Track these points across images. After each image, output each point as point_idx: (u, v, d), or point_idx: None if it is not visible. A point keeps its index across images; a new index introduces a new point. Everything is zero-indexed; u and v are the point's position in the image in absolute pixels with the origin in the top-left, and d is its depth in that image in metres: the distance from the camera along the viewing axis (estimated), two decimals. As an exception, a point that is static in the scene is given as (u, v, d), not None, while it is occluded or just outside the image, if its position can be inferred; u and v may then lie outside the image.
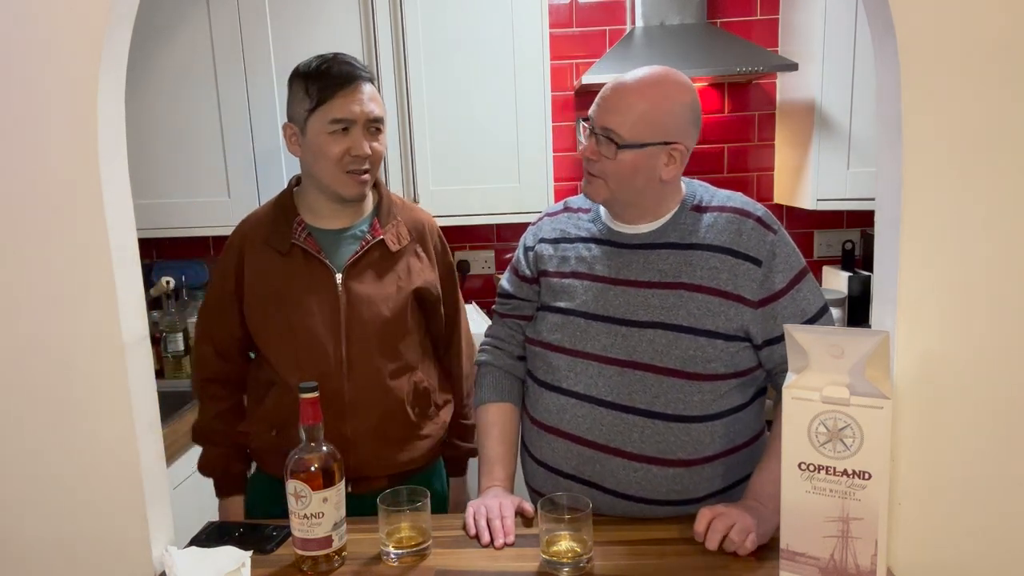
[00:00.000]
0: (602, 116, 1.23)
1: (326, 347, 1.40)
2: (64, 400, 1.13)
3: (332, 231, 1.45)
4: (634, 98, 1.22)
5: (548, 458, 1.32)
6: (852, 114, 2.26)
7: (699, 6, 2.44)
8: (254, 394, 1.50)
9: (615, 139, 1.21)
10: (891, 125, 1.05)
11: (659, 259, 1.27)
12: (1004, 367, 1.04)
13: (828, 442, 1.00)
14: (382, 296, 1.43)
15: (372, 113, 1.39)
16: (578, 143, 1.31)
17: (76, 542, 1.16)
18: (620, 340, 1.25)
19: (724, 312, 1.22)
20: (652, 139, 1.22)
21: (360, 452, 1.41)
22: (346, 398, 1.40)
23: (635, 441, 1.24)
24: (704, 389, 1.23)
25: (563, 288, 1.33)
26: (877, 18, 1.05)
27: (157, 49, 2.33)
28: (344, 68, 1.38)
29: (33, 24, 1.05)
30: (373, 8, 2.30)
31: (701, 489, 1.26)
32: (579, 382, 1.28)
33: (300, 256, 1.42)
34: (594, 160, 1.24)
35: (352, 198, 1.43)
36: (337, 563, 1.16)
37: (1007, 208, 1.01)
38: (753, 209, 1.27)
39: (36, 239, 1.09)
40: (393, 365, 1.44)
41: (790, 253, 1.25)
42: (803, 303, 1.24)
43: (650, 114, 1.21)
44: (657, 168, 1.24)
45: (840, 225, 2.70)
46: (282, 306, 1.41)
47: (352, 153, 1.37)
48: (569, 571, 1.10)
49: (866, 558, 1.00)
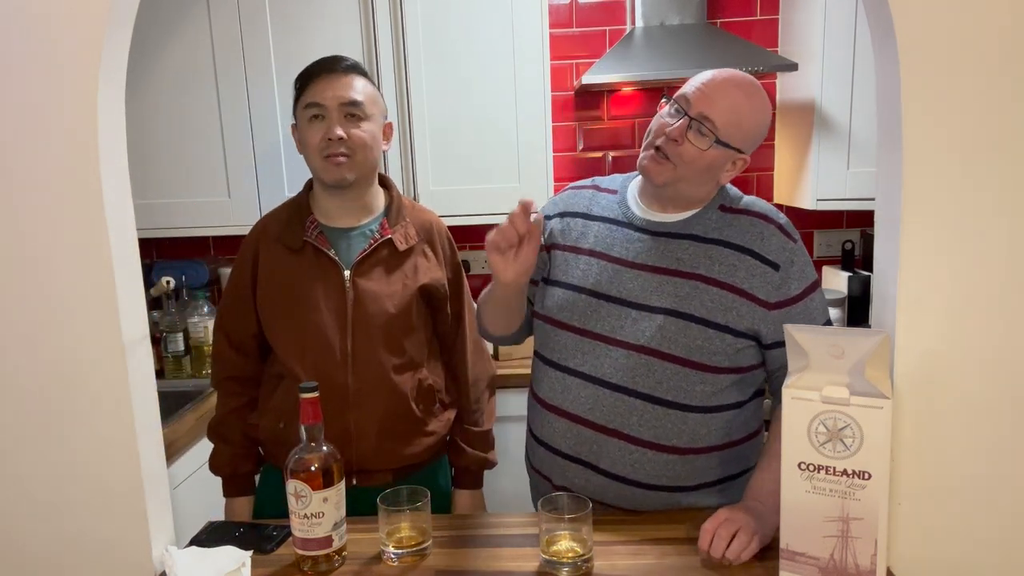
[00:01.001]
0: (705, 104, 1.21)
1: (332, 340, 1.42)
2: (64, 400, 1.13)
3: (342, 229, 1.48)
4: (742, 99, 1.22)
5: (548, 437, 1.33)
6: (852, 114, 2.26)
7: (699, 6, 2.44)
8: (266, 387, 1.52)
9: (712, 132, 1.20)
10: (891, 125, 1.05)
11: (679, 248, 1.27)
12: (1004, 367, 1.04)
13: (828, 442, 1.00)
14: (388, 293, 1.45)
15: (345, 97, 1.40)
16: (656, 116, 1.27)
17: (76, 542, 1.16)
18: (630, 323, 1.26)
19: (736, 309, 1.23)
20: (738, 144, 1.23)
21: (363, 445, 1.43)
22: (350, 390, 1.42)
23: (634, 424, 1.25)
24: (706, 380, 1.24)
25: (577, 265, 1.33)
26: (877, 18, 1.05)
27: (157, 49, 2.33)
28: (326, 60, 1.43)
29: (33, 24, 1.05)
30: (373, 8, 2.30)
31: (693, 478, 1.27)
32: (585, 362, 1.28)
33: (311, 253, 1.45)
34: (677, 143, 1.22)
35: (332, 183, 1.44)
36: (337, 563, 1.16)
37: (1007, 208, 1.01)
38: (776, 216, 1.29)
39: (36, 239, 1.09)
40: (397, 360, 1.46)
41: (806, 264, 1.27)
42: (814, 312, 1.26)
43: (748, 120, 1.22)
44: (722, 172, 1.26)
45: (840, 225, 2.70)
46: (291, 300, 1.44)
47: (327, 137, 1.40)
48: (569, 571, 1.10)
49: (866, 558, 1.00)
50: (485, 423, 1.63)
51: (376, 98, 1.47)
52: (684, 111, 1.22)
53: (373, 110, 1.44)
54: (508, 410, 2.25)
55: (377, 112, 1.46)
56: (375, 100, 1.46)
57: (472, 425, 1.61)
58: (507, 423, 2.24)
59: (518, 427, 2.18)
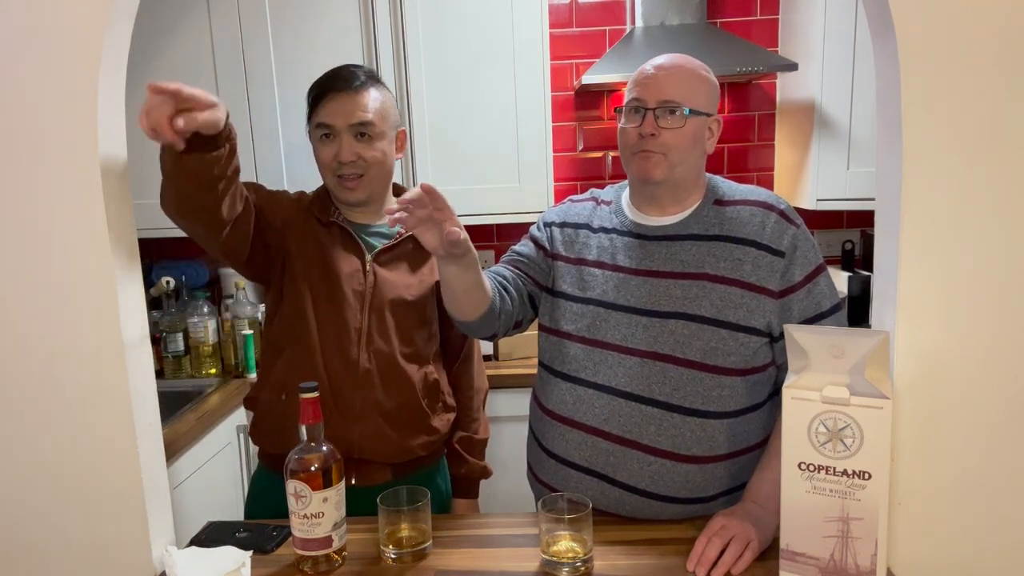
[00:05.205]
0: (658, 91, 1.25)
1: (349, 317, 1.44)
2: (64, 400, 1.13)
3: (361, 224, 1.51)
4: (684, 72, 1.26)
5: (560, 449, 1.32)
6: (852, 114, 2.27)
7: (699, 6, 2.44)
8: (266, 359, 1.52)
9: (678, 109, 1.24)
10: (891, 125, 1.05)
11: (682, 250, 1.27)
12: (1004, 367, 1.04)
13: (828, 442, 1.00)
14: (405, 283, 1.48)
15: (355, 119, 1.40)
16: (620, 132, 1.31)
17: (76, 542, 1.16)
18: (641, 330, 1.25)
19: (746, 304, 1.22)
20: (706, 109, 1.27)
21: (367, 426, 1.42)
22: (360, 368, 1.43)
23: (651, 434, 1.23)
24: (723, 384, 1.22)
25: (582, 276, 1.33)
26: (877, 18, 1.05)
27: (157, 49, 2.33)
28: (337, 75, 1.42)
29: (33, 24, 1.05)
30: (373, 8, 2.30)
31: (711, 488, 1.25)
32: (598, 372, 1.27)
33: (338, 232, 1.48)
34: (655, 136, 1.24)
35: (348, 203, 1.48)
36: (337, 563, 1.16)
37: (1007, 208, 1.01)
38: (776, 203, 1.29)
39: (36, 239, 1.09)
40: (407, 349, 1.47)
41: (809, 248, 1.26)
42: (819, 297, 1.24)
43: (701, 86, 1.27)
44: (704, 140, 1.29)
45: (840, 225, 2.71)
46: (319, 267, 1.45)
47: (338, 159, 1.41)
48: (569, 571, 1.10)
49: (866, 558, 1.00)
50: (483, 432, 1.65)
51: (387, 112, 1.45)
52: (643, 108, 1.25)
53: (384, 127, 1.44)
54: (505, 411, 2.25)
55: (388, 127, 1.46)
56: (386, 115, 1.45)
57: (473, 433, 1.62)
58: (503, 423, 2.25)
59: (513, 427, 2.19)
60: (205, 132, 1.09)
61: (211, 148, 1.14)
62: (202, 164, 1.15)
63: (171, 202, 1.23)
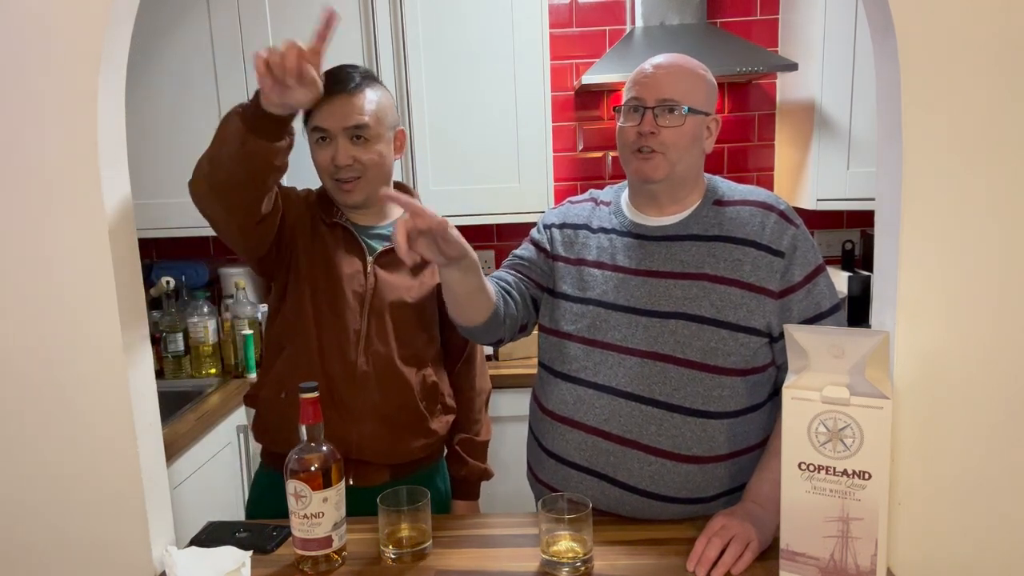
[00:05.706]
0: (656, 91, 1.25)
1: (349, 318, 1.43)
2: (64, 400, 1.13)
3: (364, 226, 1.51)
4: (683, 72, 1.27)
5: (560, 449, 1.32)
6: (852, 114, 2.26)
7: (699, 6, 2.44)
8: (267, 357, 1.52)
9: (676, 108, 1.25)
10: (891, 125, 1.05)
11: (682, 250, 1.27)
12: (1004, 367, 1.04)
13: (828, 442, 1.00)
14: (406, 285, 1.48)
15: (350, 121, 1.39)
16: (618, 131, 1.31)
17: (76, 542, 1.16)
18: (641, 331, 1.25)
19: (746, 304, 1.22)
20: (704, 108, 1.28)
21: (365, 427, 1.42)
22: (358, 370, 1.42)
23: (652, 434, 1.23)
24: (724, 384, 1.22)
25: (582, 277, 1.33)
26: (877, 18, 1.05)
27: (157, 49, 2.33)
28: (333, 77, 1.39)
29: (33, 24, 1.05)
30: (373, 8, 2.30)
31: (712, 488, 1.25)
32: (598, 373, 1.27)
33: (341, 232, 1.48)
34: (654, 134, 1.25)
35: (347, 205, 1.48)
36: (337, 563, 1.16)
37: (1007, 208, 1.01)
38: (776, 203, 1.29)
39: (36, 239, 1.09)
40: (406, 352, 1.47)
41: (809, 248, 1.26)
42: (818, 297, 1.24)
43: (700, 85, 1.28)
44: (703, 139, 1.29)
45: (840, 225, 2.71)
46: (322, 266, 1.45)
47: (334, 163, 1.41)
48: (569, 571, 1.10)
49: (866, 558, 1.00)
50: (484, 434, 1.64)
51: (384, 112, 1.43)
52: (642, 107, 1.26)
53: (380, 128, 1.42)
54: (505, 411, 2.25)
55: (385, 128, 1.44)
56: (382, 116, 1.43)
57: (474, 435, 1.62)
58: (504, 423, 2.25)
59: (513, 427, 2.19)
60: (290, 109, 1.15)
61: (275, 138, 1.18)
62: (266, 152, 1.18)
63: (217, 188, 1.24)
